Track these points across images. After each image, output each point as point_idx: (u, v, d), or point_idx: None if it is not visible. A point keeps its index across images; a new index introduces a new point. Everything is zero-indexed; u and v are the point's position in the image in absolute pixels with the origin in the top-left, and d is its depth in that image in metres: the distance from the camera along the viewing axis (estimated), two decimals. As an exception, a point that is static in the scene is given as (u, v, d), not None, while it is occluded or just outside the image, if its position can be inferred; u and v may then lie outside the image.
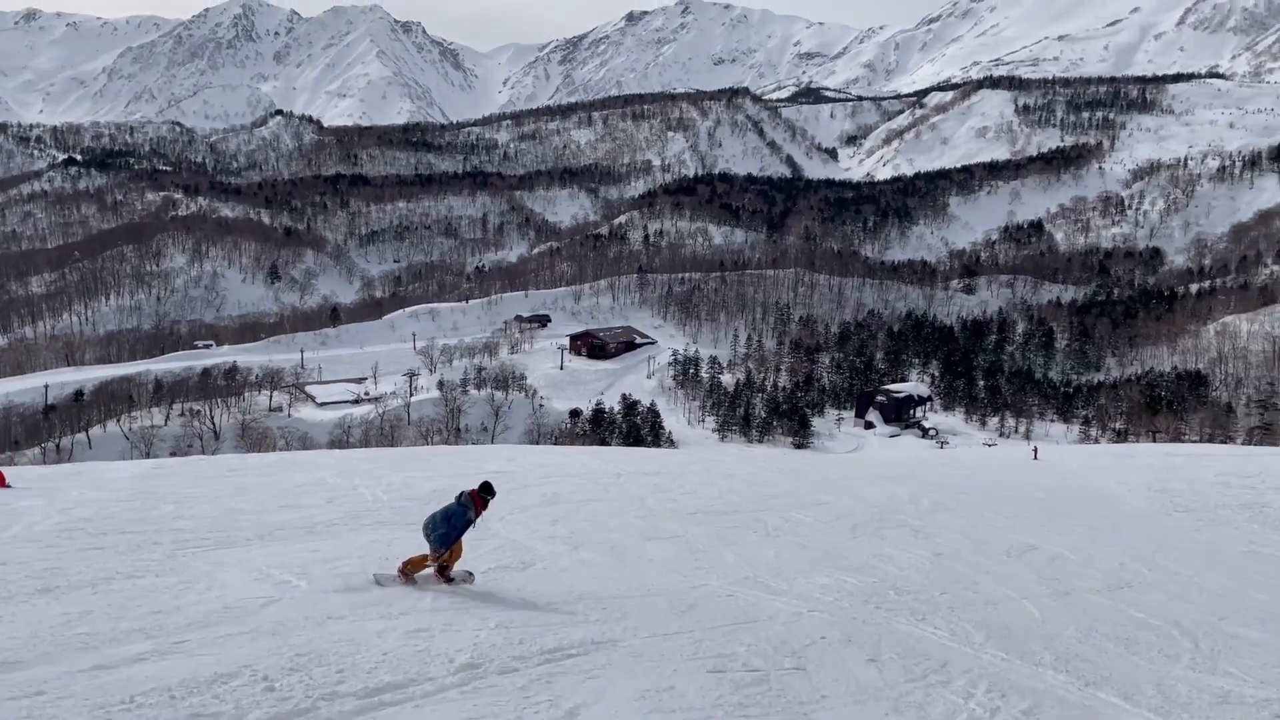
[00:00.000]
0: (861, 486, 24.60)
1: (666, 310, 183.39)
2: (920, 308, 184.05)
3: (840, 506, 20.90)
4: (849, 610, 11.91)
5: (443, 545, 11.23)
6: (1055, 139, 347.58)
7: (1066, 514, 22.74)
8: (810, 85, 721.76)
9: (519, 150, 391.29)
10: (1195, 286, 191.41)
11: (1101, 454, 47.15)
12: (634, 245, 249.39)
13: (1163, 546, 18.85)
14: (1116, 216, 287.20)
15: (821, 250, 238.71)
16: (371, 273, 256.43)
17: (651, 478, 23.47)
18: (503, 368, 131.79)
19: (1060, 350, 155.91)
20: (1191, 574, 16.22)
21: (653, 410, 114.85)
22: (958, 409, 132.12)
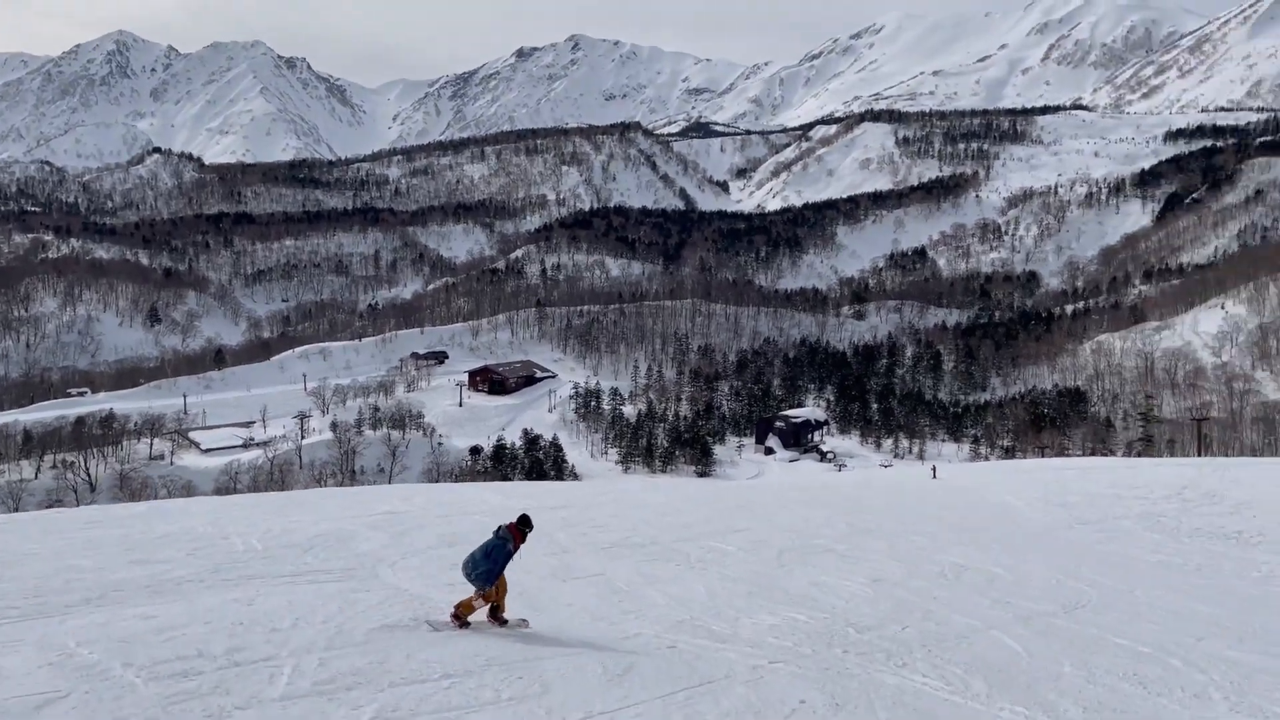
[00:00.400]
0: (775, 512, 24.24)
1: (566, 343, 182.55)
2: (814, 334, 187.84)
3: (759, 533, 20.33)
4: (815, 658, 10.68)
5: (487, 582, 10.96)
6: (934, 169, 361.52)
7: (979, 531, 22.81)
8: (700, 120, 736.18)
9: (411, 186, 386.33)
10: (1070, 307, 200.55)
11: (995, 470, 48.17)
12: (531, 279, 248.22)
13: (1080, 560, 18.91)
14: (994, 242, 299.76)
15: (717, 280, 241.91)
16: (259, 313, 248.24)
17: (559, 511, 22.45)
18: (399, 406, 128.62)
19: (948, 372, 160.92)
20: (1129, 589, 16.16)
21: (555, 444, 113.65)
22: (853, 432, 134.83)
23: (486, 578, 10.91)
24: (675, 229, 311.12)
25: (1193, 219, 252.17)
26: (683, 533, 20.03)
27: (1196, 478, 34.41)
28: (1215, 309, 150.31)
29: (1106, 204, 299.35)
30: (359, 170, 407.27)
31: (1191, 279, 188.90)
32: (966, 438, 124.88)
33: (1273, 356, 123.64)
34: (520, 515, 11.73)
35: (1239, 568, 19.72)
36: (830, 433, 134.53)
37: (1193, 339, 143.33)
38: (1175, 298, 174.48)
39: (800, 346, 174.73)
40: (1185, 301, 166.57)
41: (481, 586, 10.93)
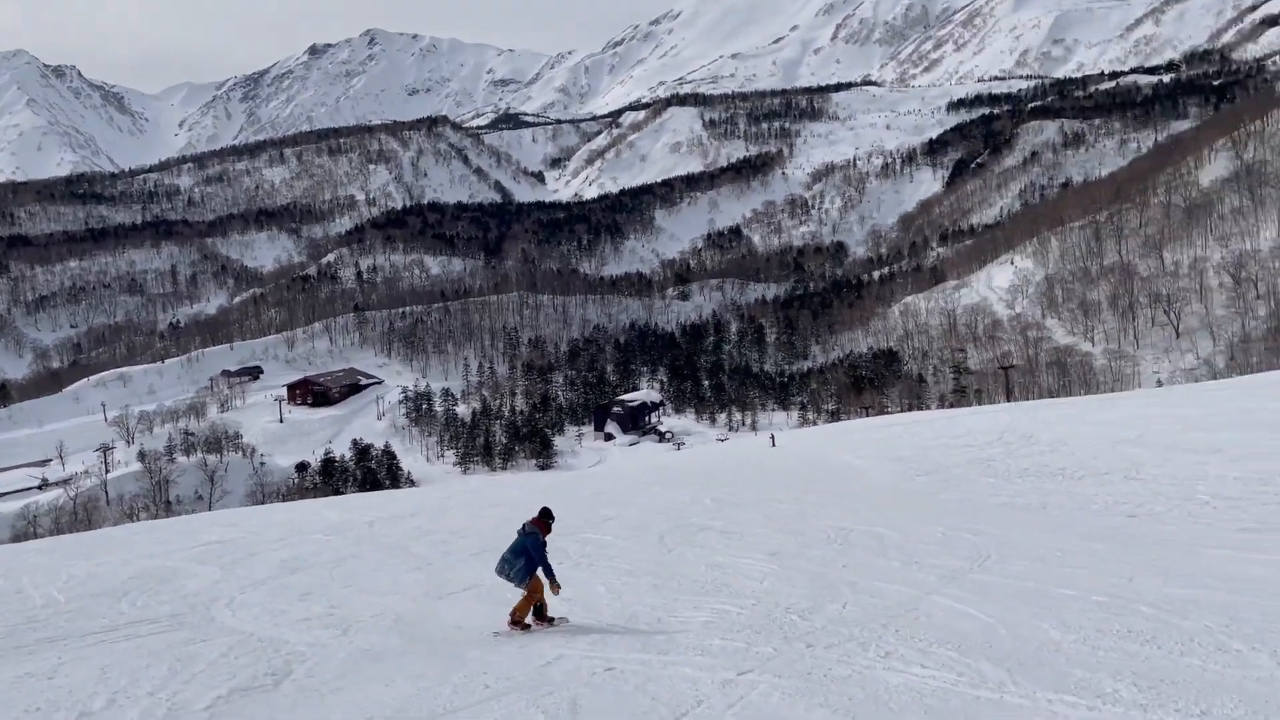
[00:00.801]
0: (635, 495, 23.61)
1: (390, 347, 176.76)
2: (642, 318, 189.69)
3: (630, 519, 19.58)
4: (782, 659, 9.04)
5: (525, 576, 10.88)
6: (741, 149, 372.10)
7: (835, 492, 22.92)
8: (509, 111, 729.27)
9: (206, 194, 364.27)
10: (877, 273, 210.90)
11: (827, 433, 49.53)
12: (347, 284, 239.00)
13: (939, 511, 19.12)
14: (803, 216, 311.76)
15: (541, 271, 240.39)
16: (45, 342, 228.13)
17: (411, 521, 20.96)
18: (214, 428, 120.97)
19: (771, 344, 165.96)
20: (1004, 533, 16.17)
21: (388, 452, 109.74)
22: (688, 410, 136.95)
23: (524, 572, 10.85)
24: (494, 223, 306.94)
25: (979, 182, 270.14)
26: (554, 529, 18.94)
27: (1011, 422, 36.34)
28: (1006, 265, 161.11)
29: (901, 173, 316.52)
30: (146, 181, 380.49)
31: (982, 238, 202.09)
32: (794, 405, 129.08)
33: (1059, 305, 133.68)
34: (541, 509, 11.72)
35: (1077, 502, 20.54)
36: (667, 413, 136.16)
37: (988, 294, 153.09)
38: (970, 257, 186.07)
39: (630, 331, 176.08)
40: (979, 260, 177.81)
41: (522, 581, 10.87)
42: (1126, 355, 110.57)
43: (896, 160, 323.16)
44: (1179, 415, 34.97)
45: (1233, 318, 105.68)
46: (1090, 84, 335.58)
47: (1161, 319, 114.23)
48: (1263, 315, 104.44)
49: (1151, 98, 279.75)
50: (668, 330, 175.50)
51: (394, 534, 19.12)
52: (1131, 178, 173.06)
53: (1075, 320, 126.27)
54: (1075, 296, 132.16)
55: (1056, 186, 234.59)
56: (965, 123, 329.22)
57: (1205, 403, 39.09)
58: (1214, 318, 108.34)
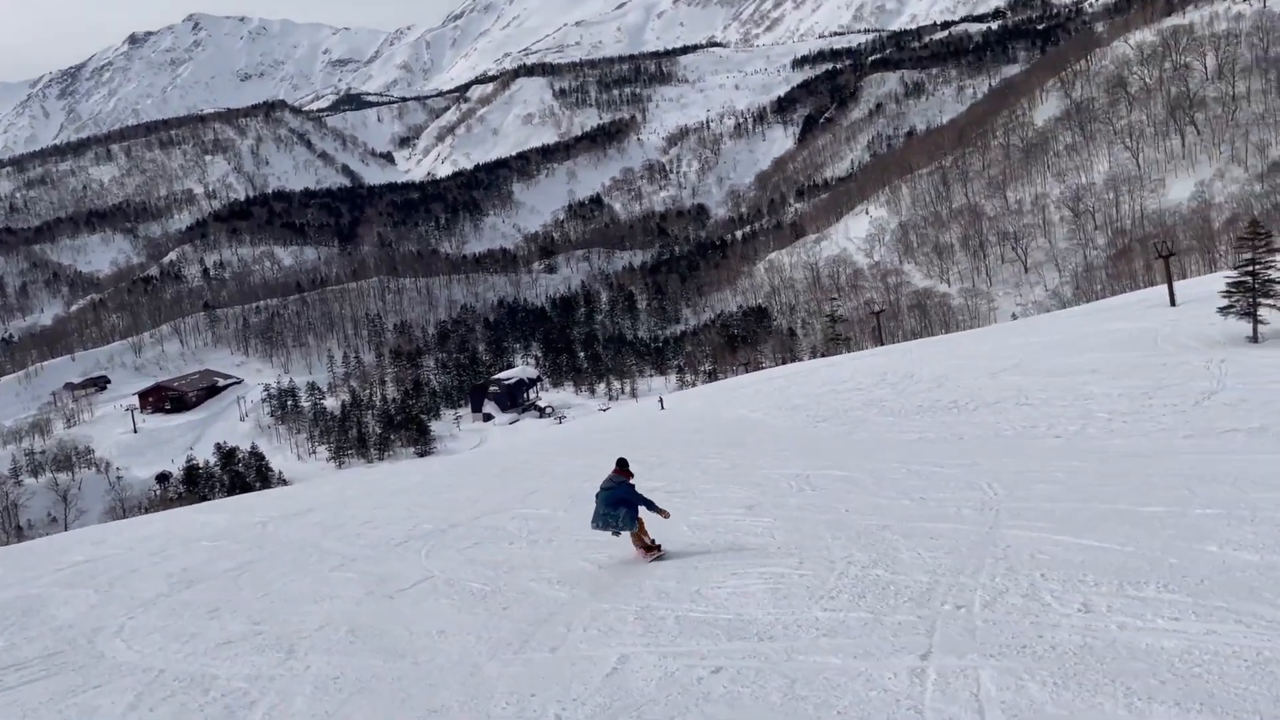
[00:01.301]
0: (546, 468, 22.45)
1: (247, 344, 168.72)
2: (510, 294, 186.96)
3: (558, 490, 18.30)
4: (969, 631, 7.01)
5: (634, 519, 11.33)
6: (594, 118, 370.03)
7: (754, 444, 22.34)
8: (350, 92, 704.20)
9: (29, 199, 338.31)
10: (739, 233, 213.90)
11: (710, 393, 49.39)
12: (193, 282, 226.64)
13: (868, 452, 18.72)
14: (662, 181, 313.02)
15: (400, 255, 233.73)
16: None
17: (309, 516, 19.15)
18: (61, 445, 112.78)
19: (643, 310, 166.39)
20: (970, 464, 15.85)
21: (255, 453, 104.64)
22: (566, 383, 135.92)
23: (631, 518, 11.27)
24: (345, 208, 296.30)
25: (829, 137, 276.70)
26: (476, 508, 17.29)
27: (890, 364, 36.92)
28: (861, 215, 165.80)
29: (753, 133, 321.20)
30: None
31: (837, 191, 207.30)
32: (671, 369, 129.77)
33: (915, 250, 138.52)
34: (618, 459, 12.08)
35: (984, 431, 20.61)
36: (545, 388, 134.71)
37: (847, 245, 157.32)
38: (827, 210, 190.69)
39: (499, 308, 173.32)
40: (835, 212, 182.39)
41: (631, 526, 11.30)
42: (981, 293, 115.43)
43: (748, 120, 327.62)
44: (1045, 343, 36.25)
45: (1075, 249, 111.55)
46: (925, 35, 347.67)
47: (1011, 256, 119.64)
48: (1101, 244, 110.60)
49: (983, 45, 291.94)
50: (537, 305, 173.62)
51: (295, 532, 17.19)
52: (971, 122, 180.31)
53: (931, 263, 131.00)
54: (929, 241, 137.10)
55: (902, 136, 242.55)
56: (811, 79, 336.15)
57: (1064, 330, 40.72)
58: (1058, 250, 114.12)
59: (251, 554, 15.62)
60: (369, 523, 17.16)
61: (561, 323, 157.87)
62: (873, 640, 7.10)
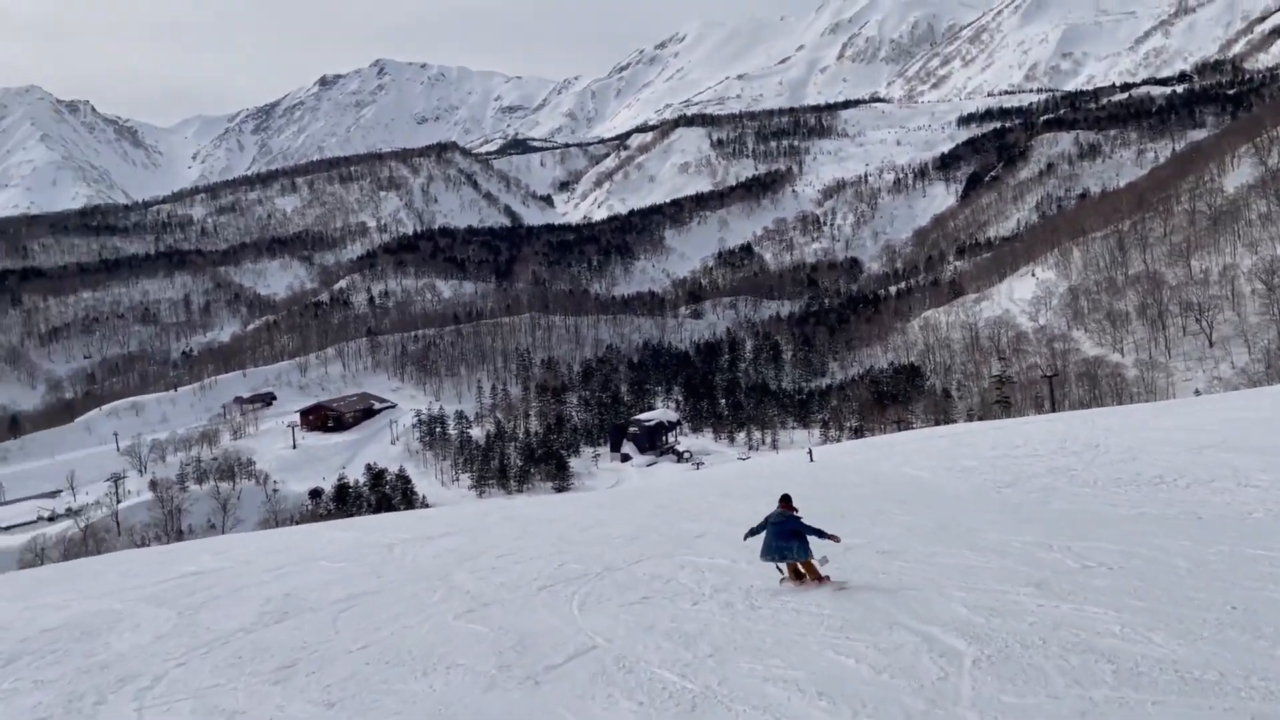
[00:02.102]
0: (703, 510, 20.93)
1: (403, 371, 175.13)
2: (655, 337, 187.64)
3: (726, 536, 16.44)
4: None
5: (807, 548, 11.74)
6: (750, 168, 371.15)
7: (941, 506, 20.39)
8: (517, 137, 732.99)
9: (219, 224, 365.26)
10: (894, 288, 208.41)
11: (863, 448, 47.04)
12: (359, 309, 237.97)
13: (1072, 524, 16.40)
14: (815, 233, 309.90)
15: (553, 293, 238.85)
16: (58, 373, 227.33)
17: (445, 541, 17.94)
18: (226, 456, 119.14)
19: (788, 361, 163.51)
20: (1207, 545, 13.52)
21: (402, 476, 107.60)
22: (705, 429, 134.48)
23: (805, 549, 11.71)
24: (504, 246, 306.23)
25: (994, 195, 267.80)
26: (633, 549, 15.33)
27: (1068, 430, 33.87)
28: (1027, 276, 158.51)
29: (913, 188, 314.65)
30: (159, 212, 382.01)
31: (1001, 251, 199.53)
32: (815, 422, 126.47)
33: (1085, 315, 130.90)
34: (782, 495, 12.51)
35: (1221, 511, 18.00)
36: (684, 432, 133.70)
37: (1010, 306, 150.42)
38: (989, 270, 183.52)
39: (643, 350, 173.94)
40: (998, 272, 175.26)
41: (807, 555, 11.75)
42: (1159, 365, 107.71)
43: (908, 175, 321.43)
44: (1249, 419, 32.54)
45: (1268, 325, 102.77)
46: (1102, 96, 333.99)
47: (1193, 328, 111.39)
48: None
49: (1166, 108, 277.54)
50: (681, 349, 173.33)
51: (424, 559, 15.99)
52: (1153, 186, 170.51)
53: (1103, 331, 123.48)
54: (1102, 307, 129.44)
55: (1074, 197, 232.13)
56: (977, 136, 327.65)
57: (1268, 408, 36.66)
58: (1248, 325, 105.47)
59: (368, 583, 14.28)
60: (508, 555, 15.74)
61: (704, 368, 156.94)
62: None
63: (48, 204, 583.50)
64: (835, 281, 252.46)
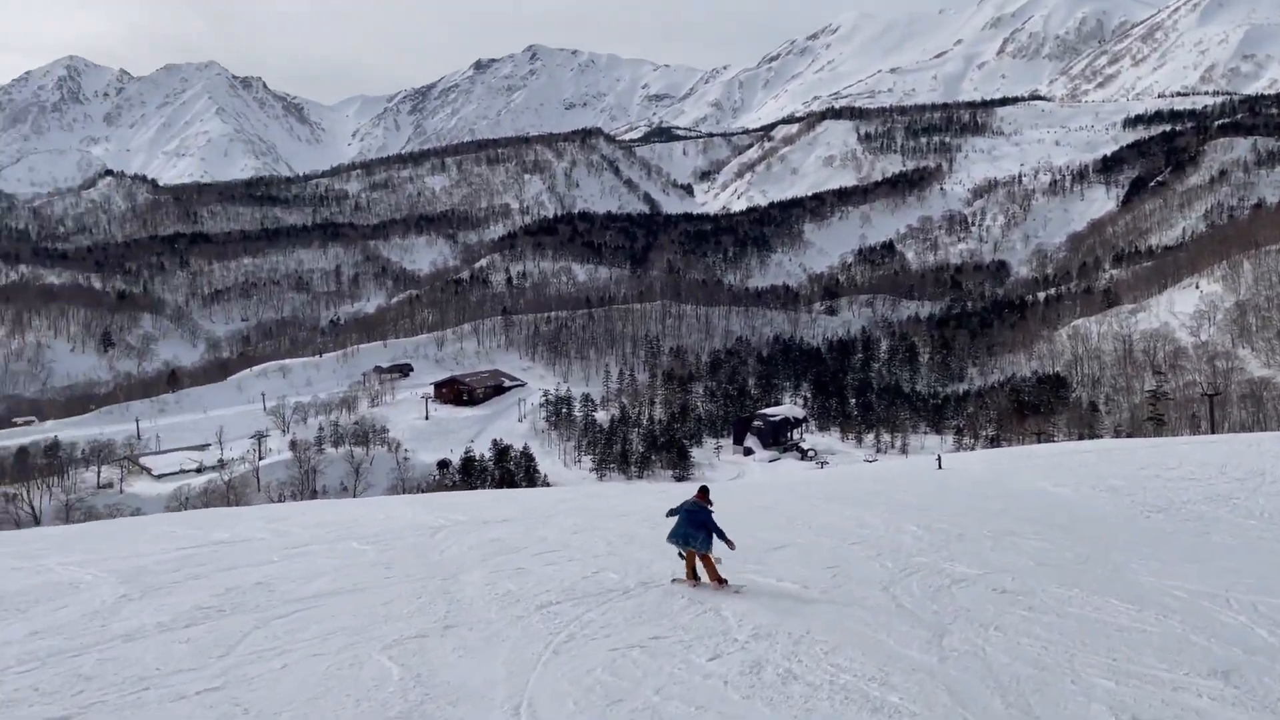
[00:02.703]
0: (806, 514, 19.69)
1: (535, 351, 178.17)
2: (787, 331, 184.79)
3: (813, 550, 14.84)
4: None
5: (709, 543, 11.84)
6: (897, 164, 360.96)
7: (1079, 531, 18.71)
8: (661, 125, 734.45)
9: (371, 200, 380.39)
10: (1042, 294, 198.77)
11: (999, 458, 44.59)
12: (497, 288, 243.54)
13: (1244, 567, 14.27)
14: (961, 233, 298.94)
15: (686, 281, 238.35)
16: (217, 333, 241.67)
17: (492, 530, 16.93)
18: (362, 422, 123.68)
19: (924, 364, 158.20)
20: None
21: (526, 454, 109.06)
22: (833, 428, 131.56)
23: (708, 541, 11.87)
24: (641, 233, 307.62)
25: (1158, 202, 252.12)
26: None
27: (1230, 454, 31.05)
28: (1190, 289, 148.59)
29: (1071, 191, 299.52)
30: (318, 186, 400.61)
31: (1163, 260, 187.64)
32: (949, 429, 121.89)
33: (1253, 333, 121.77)
34: (700, 487, 13.01)
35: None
36: (809, 430, 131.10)
37: (1170, 319, 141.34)
38: (1148, 280, 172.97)
39: (774, 344, 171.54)
40: (1158, 283, 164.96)
41: (707, 548, 11.88)
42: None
43: (1066, 177, 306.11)
44: None
45: None
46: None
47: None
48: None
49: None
50: (813, 345, 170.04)
51: (454, 549, 15.13)
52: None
53: (1272, 351, 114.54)
54: (1272, 325, 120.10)
55: (1247, 207, 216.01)
56: (1143, 140, 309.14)
57: None
58: None
59: (360, 577, 12.95)
60: (548, 553, 14.16)
61: (836, 366, 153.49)
62: None
63: (219, 174, 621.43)
64: (980, 284, 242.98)
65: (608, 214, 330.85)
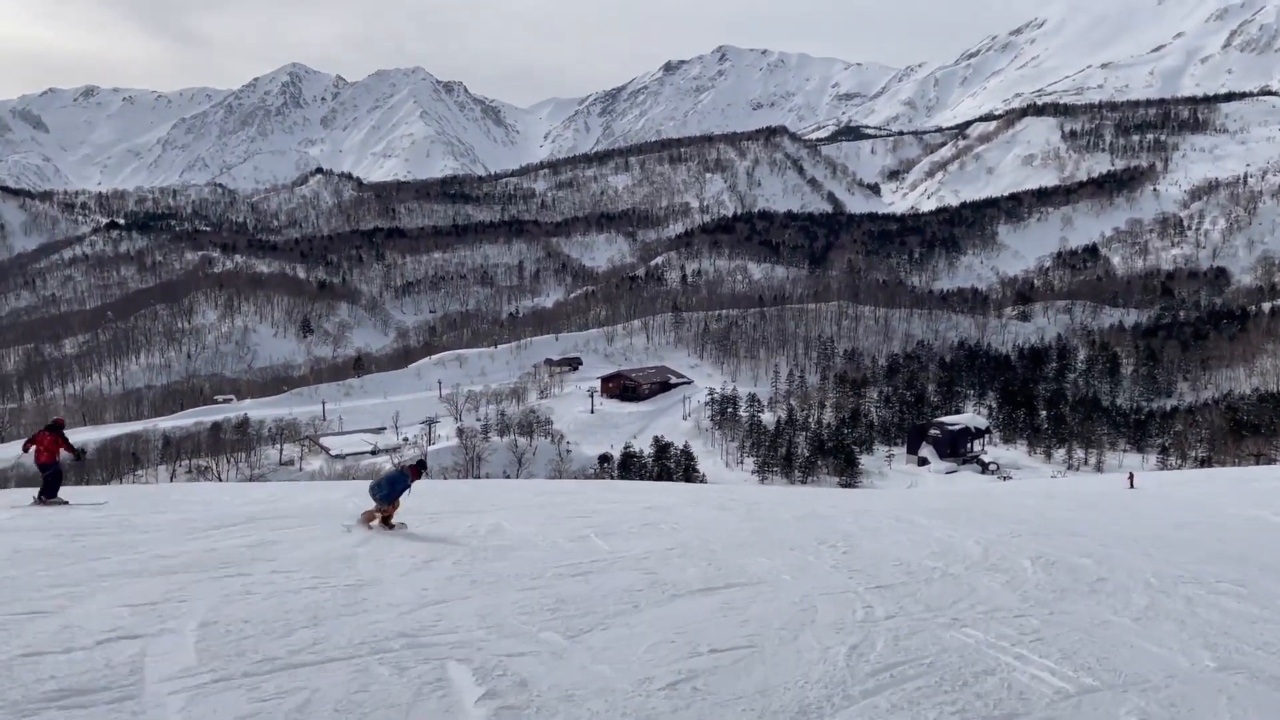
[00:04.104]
0: (879, 534, 15.78)
1: (703, 349, 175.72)
2: (973, 337, 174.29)
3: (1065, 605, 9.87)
4: None
5: (386, 502, 13.79)
6: (1105, 163, 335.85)
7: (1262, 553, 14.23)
8: (850, 124, 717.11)
9: (556, 198, 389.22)
10: (1268, 305, 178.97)
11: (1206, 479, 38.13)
12: (671, 285, 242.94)
13: None
14: (1175, 238, 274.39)
15: (866, 282, 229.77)
16: (406, 323, 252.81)
17: (537, 529, 13.32)
18: (528, 413, 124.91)
19: (1126, 376, 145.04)
20: None
21: (686, 452, 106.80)
22: (1019, 441, 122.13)
23: (386, 499, 13.77)
24: (822, 232, 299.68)
25: None
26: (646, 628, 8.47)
27: None
28: None
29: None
30: (507, 185, 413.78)
31: None
32: (1152, 447, 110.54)
33: None
34: (419, 461, 15.33)
35: None
36: (992, 442, 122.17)
37: None
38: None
39: (958, 350, 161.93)
40: None
41: (381, 504, 13.80)
42: None
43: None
44: None
45: None
46: None
47: None
48: None
49: None
50: (1002, 352, 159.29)
51: (467, 530, 13.48)
52: None
53: None
54: None
55: None
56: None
57: None
58: None
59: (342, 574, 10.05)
60: (565, 572, 10.38)
61: (1026, 375, 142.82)
62: None
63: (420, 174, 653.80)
64: (1195, 293, 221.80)
65: (788, 213, 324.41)
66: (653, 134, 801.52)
